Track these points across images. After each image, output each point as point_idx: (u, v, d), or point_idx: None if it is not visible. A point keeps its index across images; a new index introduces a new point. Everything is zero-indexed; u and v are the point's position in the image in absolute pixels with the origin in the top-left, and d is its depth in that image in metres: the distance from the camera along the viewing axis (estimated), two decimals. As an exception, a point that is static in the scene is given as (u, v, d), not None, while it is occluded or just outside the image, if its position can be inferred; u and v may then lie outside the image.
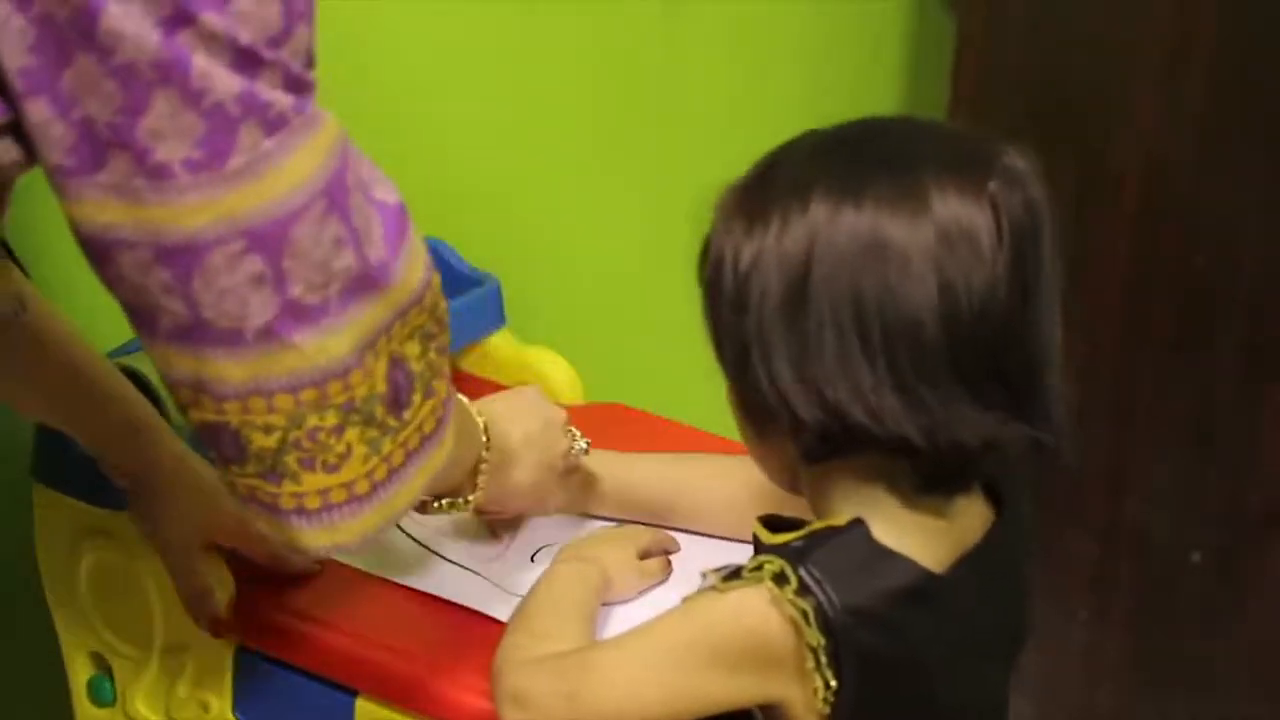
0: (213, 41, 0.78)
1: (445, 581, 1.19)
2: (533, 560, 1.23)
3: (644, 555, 1.20)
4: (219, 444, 0.89)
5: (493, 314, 1.49)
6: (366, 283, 0.87)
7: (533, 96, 1.73)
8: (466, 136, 1.68)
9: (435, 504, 1.13)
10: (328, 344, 0.86)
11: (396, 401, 0.91)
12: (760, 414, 1.00)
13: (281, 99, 0.81)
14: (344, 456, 0.89)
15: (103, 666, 1.26)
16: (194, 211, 0.81)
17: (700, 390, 1.08)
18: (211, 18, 0.78)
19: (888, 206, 0.94)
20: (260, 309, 0.84)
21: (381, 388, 0.89)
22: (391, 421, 0.91)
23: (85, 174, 0.80)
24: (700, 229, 1.03)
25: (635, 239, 1.89)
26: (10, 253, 1.10)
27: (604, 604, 1.14)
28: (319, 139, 0.83)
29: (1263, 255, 1.76)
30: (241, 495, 0.92)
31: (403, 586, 1.19)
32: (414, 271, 0.90)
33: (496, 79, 1.69)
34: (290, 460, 0.88)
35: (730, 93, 1.95)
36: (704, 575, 1.02)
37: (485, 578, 1.19)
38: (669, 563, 1.21)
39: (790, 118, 1.07)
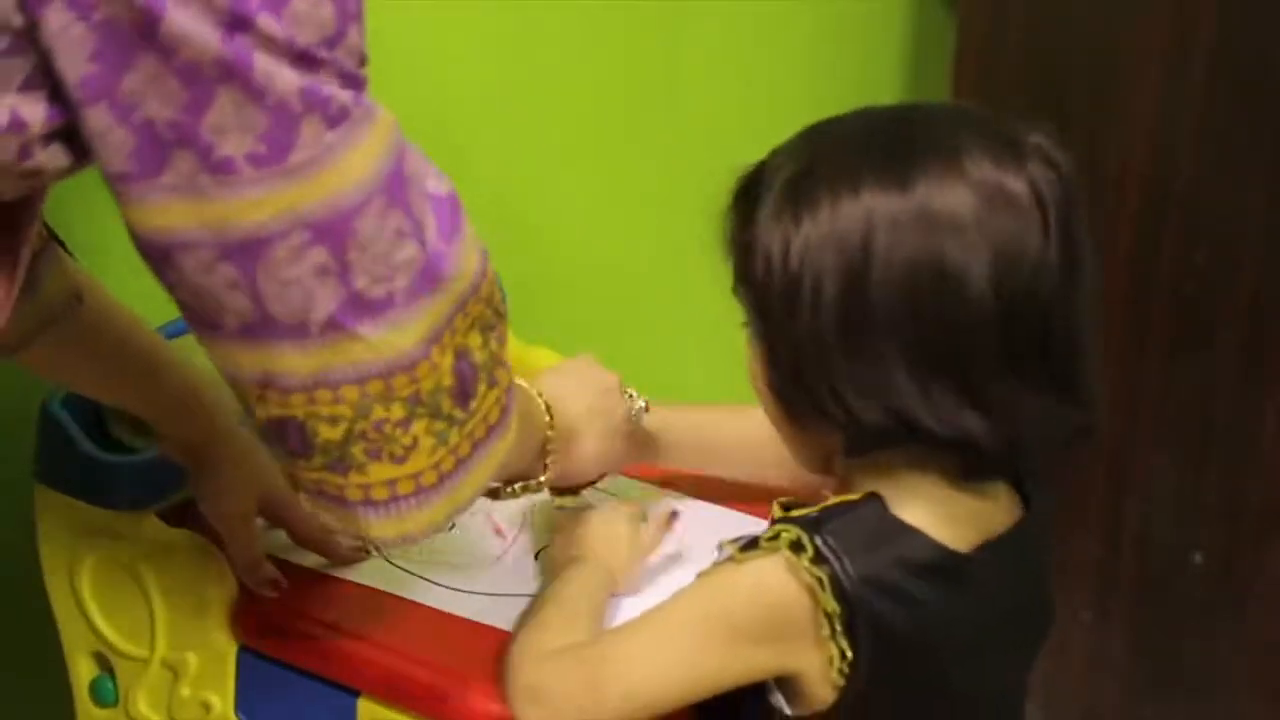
0: (271, 44, 0.79)
1: (447, 604, 1.18)
2: (536, 559, 1.23)
3: (635, 533, 1.17)
4: (285, 439, 0.89)
5: (494, 314, 1.49)
6: (430, 276, 0.87)
7: (534, 97, 1.74)
8: (468, 137, 1.68)
9: (508, 489, 1.14)
10: (393, 337, 0.86)
11: (463, 394, 0.91)
12: (805, 409, 1.01)
13: (341, 93, 0.82)
14: (410, 448, 0.89)
15: (105, 667, 1.26)
16: (257, 205, 0.81)
17: (700, 390, 1.08)
18: (268, 21, 0.78)
19: (937, 191, 0.95)
20: (325, 301, 0.84)
21: (448, 381, 0.90)
22: (458, 413, 0.91)
23: (148, 177, 0.80)
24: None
25: (636, 239, 1.89)
26: (60, 243, 1.10)
27: (614, 595, 1.14)
28: (378, 131, 0.84)
29: (1263, 255, 1.76)
30: (309, 490, 0.92)
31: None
32: (469, 261, 0.90)
33: (498, 79, 1.69)
34: (357, 451, 0.89)
35: (732, 93, 1.95)
36: (720, 547, 1.03)
37: (487, 593, 1.19)
38: (668, 519, 1.19)
39: (792, 117, 1.07)
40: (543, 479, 1.15)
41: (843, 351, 0.96)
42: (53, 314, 1.08)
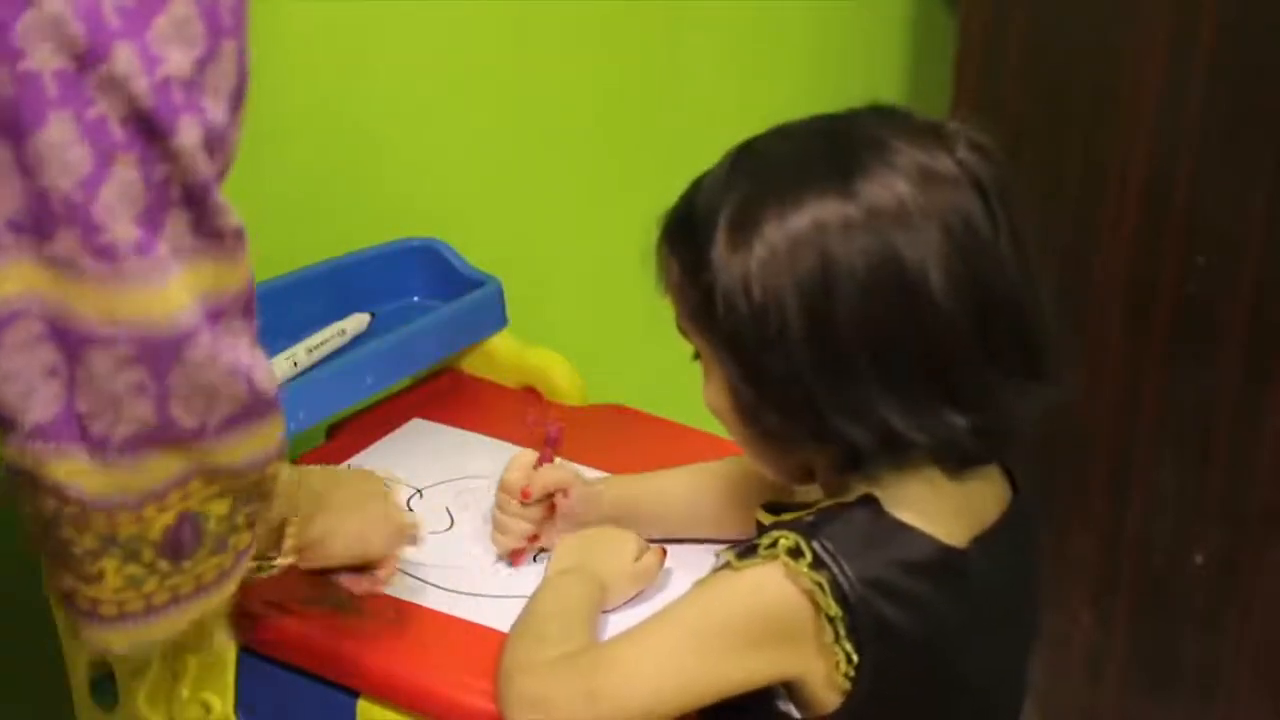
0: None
1: (446, 605, 1.18)
2: (535, 561, 1.23)
3: (637, 556, 1.18)
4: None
5: (494, 315, 1.49)
6: (162, 439, 0.84)
7: (534, 98, 1.74)
8: (469, 139, 1.68)
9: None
10: (92, 478, 0.84)
11: (173, 552, 0.89)
12: (787, 435, 1.01)
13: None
14: (95, 578, 0.88)
15: (105, 667, 1.26)
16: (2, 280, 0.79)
17: (699, 390, 1.08)
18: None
19: (878, 189, 0.96)
20: (43, 406, 0.82)
21: (155, 536, 0.87)
22: (163, 565, 0.89)
23: None
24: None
25: (636, 240, 1.89)
26: None
27: (604, 611, 1.14)
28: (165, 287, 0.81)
29: (1264, 255, 1.76)
30: None
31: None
32: (241, 449, 0.87)
33: (498, 81, 1.69)
34: (48, 558, 0.89)
35: (731, 93, 1.95)
36: (718, 554, 1.02)
37: (486, 595, 1.19)
38: (663, 552, 1.18)
39: (791, 118, 1.07)
40: (279, 561, 1.06)
41: (820, 373, 0.96)
42: None
